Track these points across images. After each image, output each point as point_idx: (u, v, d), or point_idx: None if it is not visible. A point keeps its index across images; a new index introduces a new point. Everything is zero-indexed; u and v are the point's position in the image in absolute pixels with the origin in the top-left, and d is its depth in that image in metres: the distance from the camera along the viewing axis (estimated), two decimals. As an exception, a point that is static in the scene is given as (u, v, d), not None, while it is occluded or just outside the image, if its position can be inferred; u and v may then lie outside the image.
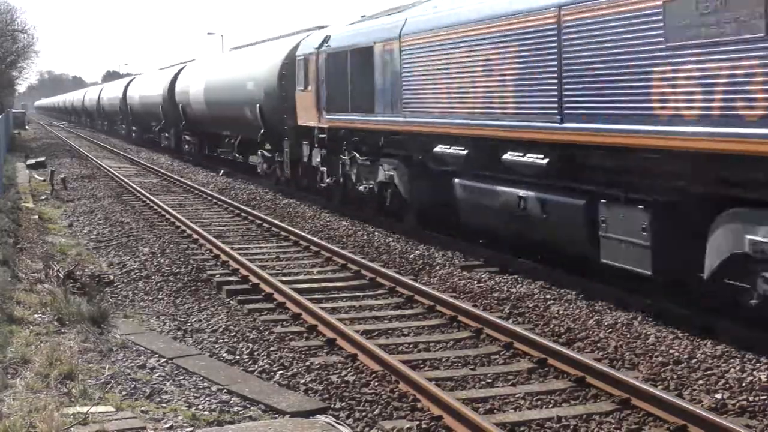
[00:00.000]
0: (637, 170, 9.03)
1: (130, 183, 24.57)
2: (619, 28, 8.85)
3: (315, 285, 11.25)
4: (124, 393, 6.98)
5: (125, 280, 11.66)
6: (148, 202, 20.36)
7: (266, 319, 9.66)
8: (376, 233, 15.12)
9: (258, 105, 22.00)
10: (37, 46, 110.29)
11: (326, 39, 17.66)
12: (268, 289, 10.77)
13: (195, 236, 15.02)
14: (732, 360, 7.72)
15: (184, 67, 34.86)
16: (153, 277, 11.80)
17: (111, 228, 16.39)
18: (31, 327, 8.78)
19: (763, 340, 8.03)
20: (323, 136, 17.81)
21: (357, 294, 10.88)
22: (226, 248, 13.25)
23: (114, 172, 28.39)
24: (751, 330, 8.27)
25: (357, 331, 8.73)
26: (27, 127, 72.25)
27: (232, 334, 8.98)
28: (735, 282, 7.91)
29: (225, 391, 7.15)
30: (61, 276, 10.88)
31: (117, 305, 10.19)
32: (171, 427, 6.30)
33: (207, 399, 6.96)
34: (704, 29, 7.69)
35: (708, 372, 7.46)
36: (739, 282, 7.86)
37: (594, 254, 9.71)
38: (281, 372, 7.68)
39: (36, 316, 9.25)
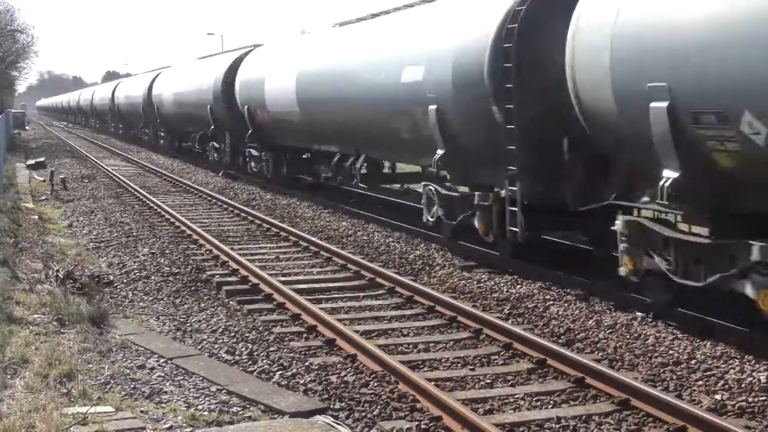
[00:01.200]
0: None
1: (130, 183, 24.56)
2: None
3: (315, 285, 11.24)
4: (123, 393, 6.98)
5: (125, 281, 11.65)
6: (147, 202, 20.36)
7: (266, 320, 9.65)
8: (376, 234, 15.12)
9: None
10: (37, 46, 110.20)
11: None
12: (267, 290, 10.76)
13: (195, 236, 15.02)
14: (731, 361, 7.72)
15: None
16: (153, 278, 11.80)
17: (111, 228, 16.38)
18: (31, 327, 8.78)
19: (763, 340, 8.03)
20: None
21: (357, 294, 10.87)
22: (226, 248, 13.25)
23: (114, 172, 28.39)
24: (751, 331, 8.28)
25: (356, 332, 8.73)
26: (27, 127, 72.28)
27: (232, 334, 8.97)
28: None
29: (224, 391, 7.14)
30: (61, 276, 10.88)
31: (116, 305, 10.19)
32: (170, 428, 6.30)
33: (206, 399, 6.96)
34: None
35: (707, 373, 7.46)
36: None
37: None
38: (281, 372, 7.68)
39: (35, 316, 9.24)
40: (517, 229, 11.17)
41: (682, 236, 8.57)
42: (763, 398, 6.82)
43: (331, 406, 6.87)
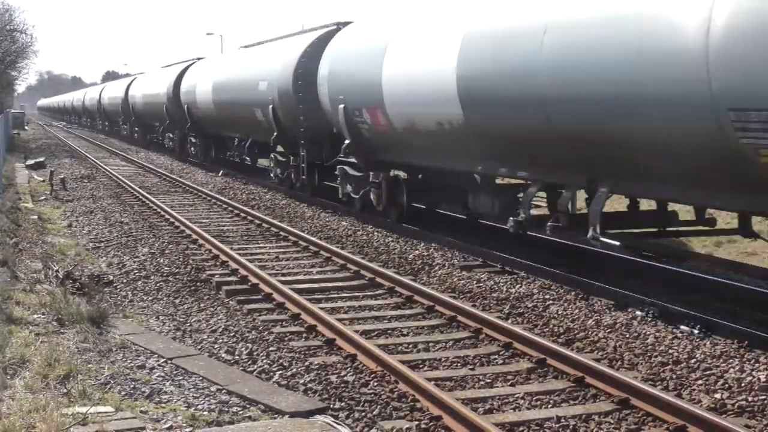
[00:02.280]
0: None
1: (130, 183, 24.56)
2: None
3: (314, 285, 11.24)
4: (123, 393, 6.98)
5: (124, 281, 11.65)
6: (147, 202, 20.36)
7: (265, 319, 9.65)
8: (376, 233, 15.12)
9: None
10: (36, 46, 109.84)
11: None
12: (267, 289, 10.76)
13: (194, 236, 15.01)
14: (731, 360, 7.73)
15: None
16: (152, 278, 11.80)
17: (110, 228, 16.38)
18: (31, 327, 8.78)
19: (763, 340, 8.04)
20: None
21: (356, 294, 10.87)
22: (226, 248, 13.24)
23: (113, 172, 28.38)
24: (751, 330, 8.28)
25: (356, 331, 8.73)
26: (26, 127, 72.25)
27: (232, 334, 8.97)
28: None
29: (224, 391, 7.14)
30: (61, 276, 10.88)
31: (116, 305, 10.18)
32: (170, 428, 6.30)
33: (206, 399, 6.96)
34: None
35: (707, 372, 7.46)
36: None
37: None
38: (280, 372, 7.68)
39: (35, 316, 9.24)
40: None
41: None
42: (763, 397, 6.82)
43: (331, 405, 6.87)
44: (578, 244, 12.43)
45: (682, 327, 8.72)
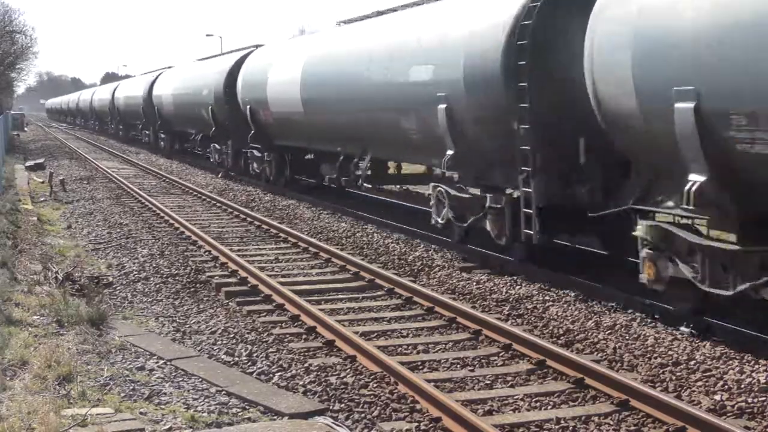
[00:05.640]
0: None
1: (129, 185, 24.55)
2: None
3: (314, 286, 11.24)
4: (122, 394, 6.98)
5: (124, 282, 11.64)
6: (146, 203, 20.35)
7: (265, 321, 9.65)
8: (375, 235, 15.11)
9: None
10: (36, 47, 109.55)
11: None
12: (267, 291, 10.76)
13: (194, 238, 15.01)
14: (731, 361, 7.72)
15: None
16: (152, 279, 11.79)
17: (110, 230, 16.37)
18: (30, 328, 8.77)
19: (762, 341, 8.04)
20: None
21: (356, 295, 10.87)
22: (225, 250, 13.24)
23: (112, 174, 28.37)
24: (751, 331, 8.28)
25: (356, 333, 8.72)
26: (26, 129, 72.30)
27: (231, 335, 8.97)
28: None
29: (224, 392, 7.14)
30: (60, 278, 10.88)
31: (116, 307, 10.18)
32: (170, 429, 6.30)
33: (206, 400, 6.95)
34: None
35: (707, 373, 7.46)
36: None
37: None
38: (280, 373, 7.68)
39: (35, 317, 9.24)
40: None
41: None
42: (763, 398, 6.82)
43: (331, 407, 6.86)
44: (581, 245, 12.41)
45: (682, 328, 8.72)
